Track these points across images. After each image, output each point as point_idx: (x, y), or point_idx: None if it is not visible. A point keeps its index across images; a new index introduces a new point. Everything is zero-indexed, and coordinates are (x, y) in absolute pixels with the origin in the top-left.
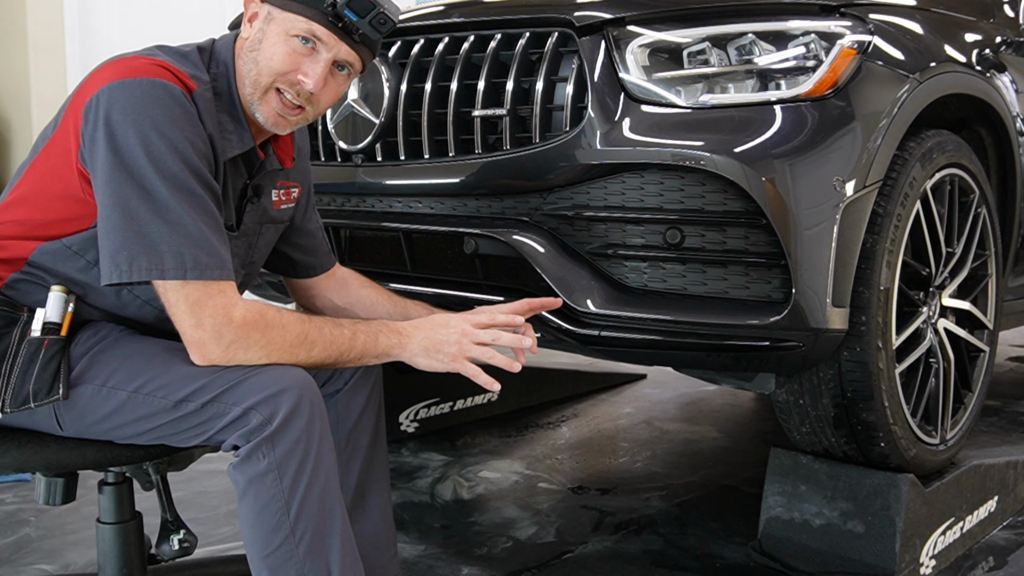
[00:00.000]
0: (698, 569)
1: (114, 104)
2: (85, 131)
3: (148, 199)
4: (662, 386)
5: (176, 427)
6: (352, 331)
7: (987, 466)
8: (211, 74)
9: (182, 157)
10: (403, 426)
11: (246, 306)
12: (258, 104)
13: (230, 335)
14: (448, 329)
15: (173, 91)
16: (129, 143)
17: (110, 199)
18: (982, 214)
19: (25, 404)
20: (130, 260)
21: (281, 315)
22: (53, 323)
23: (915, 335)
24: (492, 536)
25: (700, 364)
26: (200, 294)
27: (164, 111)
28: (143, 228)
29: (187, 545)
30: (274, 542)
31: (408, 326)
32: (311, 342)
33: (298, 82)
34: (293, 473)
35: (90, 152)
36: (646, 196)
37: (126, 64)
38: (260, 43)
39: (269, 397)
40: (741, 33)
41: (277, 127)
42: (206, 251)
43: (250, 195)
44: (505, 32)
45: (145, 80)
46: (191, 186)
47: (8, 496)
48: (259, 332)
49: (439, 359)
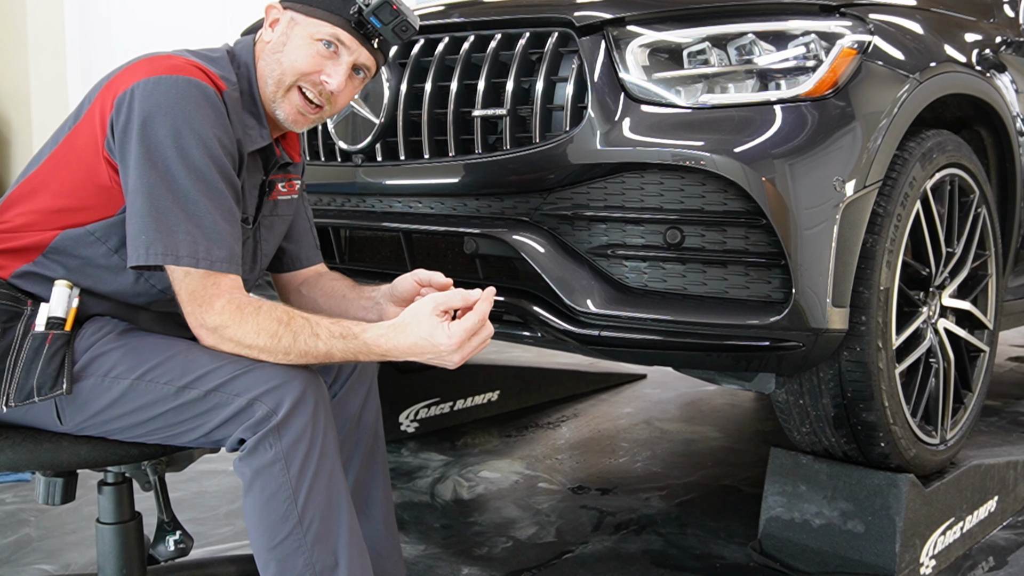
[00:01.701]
0: (698, 569)
1: (149, 97)
2: (117, 121)
3: (172, 189)
4: (662, 386)
5: (177, 416)
6: (327, 347)
7: (987, 466)
8: (236, 75)
9: (209, 153)
10: (403, 426)
11: (231, 299)
12: (280, 102)
13: (213, 323)
14: (434, 349)
15: (206, 90)
16: (160, 135)
17: (137, 186)
18: (982, 214)
19: (29, 399)
20: (148, 244)
21: (258, 311)
22: (57, 318)
23: (915, 335)
24: (492, 536)
25: (700, 364)
26: (202, 283)
27: (197, 108)
28: (164, 216)
29: (183, 547)
30: (282, 532)
31: (390, 343)
32: (285, 347)
33: (321, 82)
34: (300, 462)
35: (121, 141)
36: (646, 196)
37: (162, 62)
38: (284, 45)
39: (274, 388)
40: (741, 33)
41: (296, 125)
42: (219, 244)
43: (267, 190)
44: (505, 32)
45: (181, 78)
46: (214, 181)
47: (8, 496)
48: (237, 329)
49: (436, 351)
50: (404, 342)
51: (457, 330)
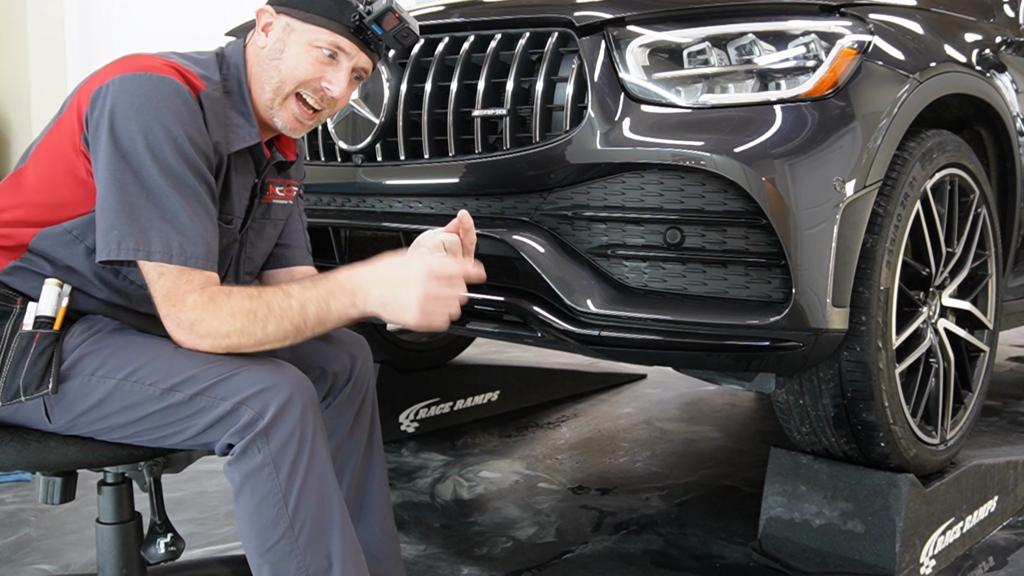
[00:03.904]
0: (698, 569)
1: (121, 93)
2: (91, 115)
3: (143, 184)
4: (662, 386)
5: (163, 419)
6: (301, 301)
7: (987, 466)
8: (222, 75)
9: (180, 149)
10: (403, 426)
11: (203, 292)
12: (278, 110)
13: (187, 319)
14: (409, 289)
15: (179, 88)
16: (131, 130)
17: (108, 180)
18: (982, 214)
19: (16, 398)
20: (120, 239)
21: (230, 296)
22: (46, 317)
23: (915, 335)
24: (492, 536)
25: (700, 364)
26: (175, 280)
27: (168, 104)
28: (136, 211)
29: (174, 549)
30: (273, 536)
31: (362, 282)
32: (263, 319)
33: (322, 89)
34: (289, 466)
35: (94, 136)
36: (646, 196)
37: (138, 60)
38: (282, 52)
39: (259, 392)
40: (741, 33)
41: (294, 132)
42: (192, 240)
43: (258, 193)
44: (505, 32)
45: (155, 75)
46: (186, 177)
47: (8, 496)
48: (213, 317)
49: (402, 318)
50: (375, 272)
51: (434, 260)
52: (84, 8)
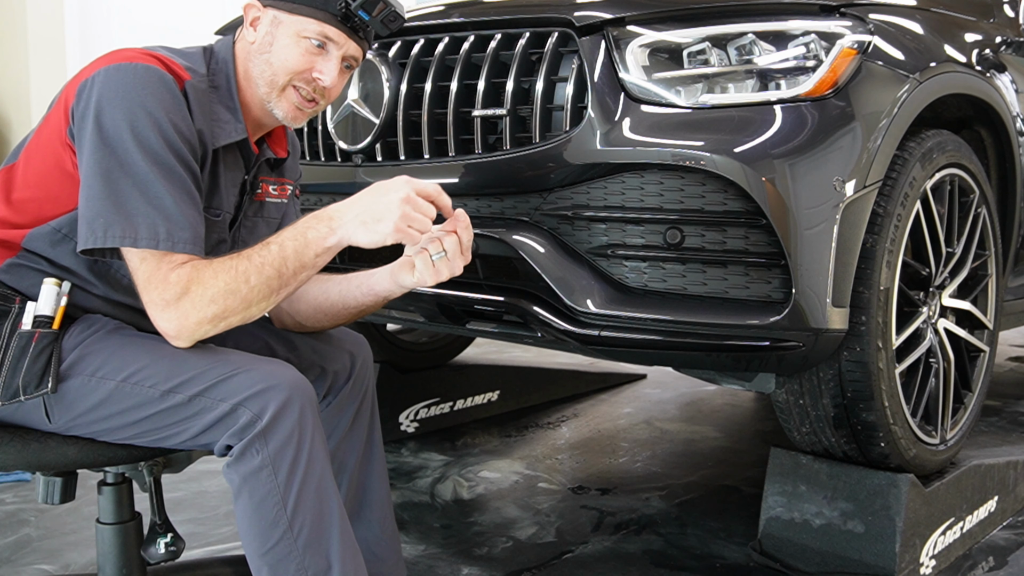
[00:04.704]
0: (698, 569)
1: (107, 84)
2: (76, 108)
3: (129, 171)
4: (662, 386)
5: (163, 420)
6: (279, 242)
7: (987, 466)
8: (210, 69)
9: (164, 135)
10: (403, 426)
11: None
12: (276, 101)
13: (170, 294)
14: (387, 196)
15: (163, 77)
16: (116, 118)
17: (93, 169)
18: (982, 214)
19: (15, 398)
20: (106, 227)
21: (211, 262)
22: (45, 316)
23: (915, 335)
24: (492, 536)
25: (700, 364)
26: (157, 263)
27: (152, 92)
28: (122, 199)
29: (174, 549)
30: (272, 538)
31: (339, 205)
32: (244, 272)
33: (314, 79)
34: (288, 467)
35: (79, 127)
36: (646, 196)
37: (123, 53)
38: (271, 45)
39: (257, 393)
40: (741, 33)
41: (295, 121)
42: (179, 224)
43: (248, 190)
44: (505, 32)
45: (139, 65)
46: (171, 163)
47: (8, 496)
48: (196, 284)
49: (379, 231)
50: (353, 197)
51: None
52: (84, 8)
